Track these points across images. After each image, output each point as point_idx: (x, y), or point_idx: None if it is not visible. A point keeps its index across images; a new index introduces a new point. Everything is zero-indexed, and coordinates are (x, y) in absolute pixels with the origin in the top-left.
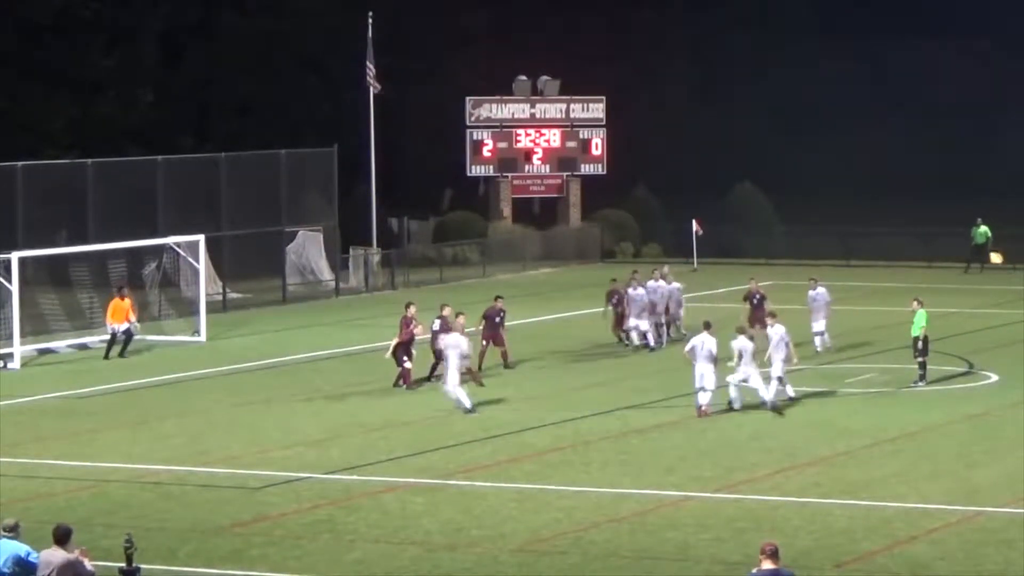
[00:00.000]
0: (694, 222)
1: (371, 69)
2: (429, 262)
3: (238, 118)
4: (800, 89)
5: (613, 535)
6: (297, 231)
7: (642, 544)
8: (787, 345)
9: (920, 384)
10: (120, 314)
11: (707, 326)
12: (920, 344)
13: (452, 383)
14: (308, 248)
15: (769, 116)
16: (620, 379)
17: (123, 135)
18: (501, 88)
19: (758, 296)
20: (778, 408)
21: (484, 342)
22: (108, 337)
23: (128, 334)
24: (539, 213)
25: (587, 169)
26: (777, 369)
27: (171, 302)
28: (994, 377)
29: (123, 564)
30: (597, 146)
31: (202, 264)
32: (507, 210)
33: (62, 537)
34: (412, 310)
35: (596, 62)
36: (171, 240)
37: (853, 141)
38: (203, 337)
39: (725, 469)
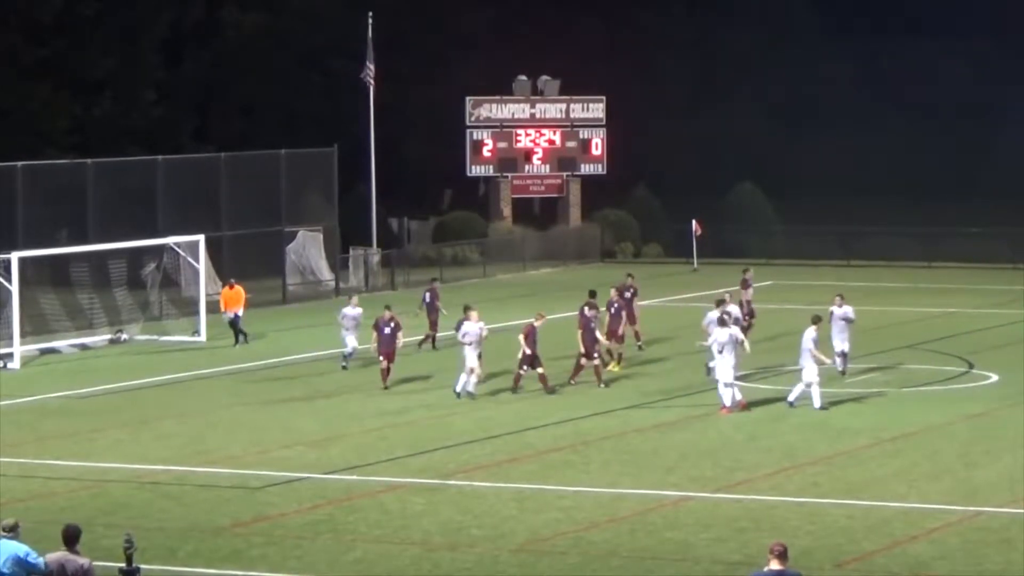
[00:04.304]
0: (694, 222)
1: (371, 69)
2: (429, 262)
3: (239, 118)
4: (800, 89)
5: (613, 535)
6: (297, 231)
7: (642, 544)
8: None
9: None
10: (233, 302)
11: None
12: None
13: None
14: (308, 248)
15: (769, 116)
16: (620, 379)
17: (124, 135)
18: (501, 88)
19: (632, 291)
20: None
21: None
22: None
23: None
24: (539, 213)
25: (587, 169)
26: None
27: (171, 302)
28: (994, 377)
29: (123, 564)
30: (597, 146)
31: (202, 264)
32: (507, 210)
33: (71, 538)
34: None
35: (596, 62)
36: (171, 240)
37: (853, 141)
38: (203, 337)
39: (725, 469)
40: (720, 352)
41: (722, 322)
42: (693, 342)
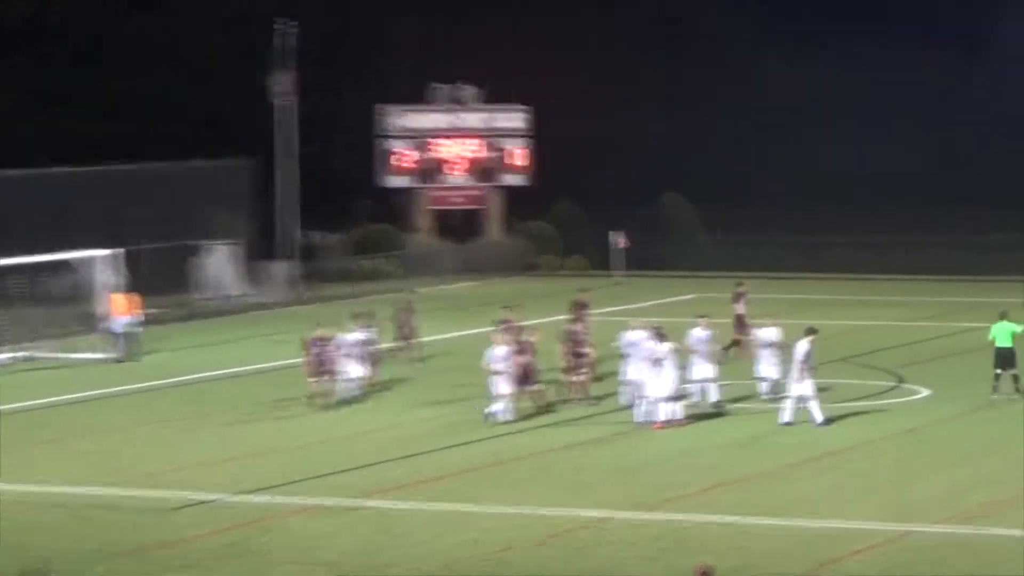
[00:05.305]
0: (613, 234)
1: (286, 80)
2: (346, 275)
3: (153, 130)
4: (726, 98)
5: (534, 556)
6: (209, 245)
7: (565, 565)
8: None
9: (994, 396)
10: (115, 309)
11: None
12: (1003, 355)
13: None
14: (220, 262)
15: (694, 126)
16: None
17: (38, 148)
18: (421, 98)
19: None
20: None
21: None
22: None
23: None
24: (459, 225)
25: (508, 180)
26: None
27: (80, 318)
28: (924, 392)
29: None
30: (519, 156)
31: (111, 279)
32: (426, 222)
33: None
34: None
35: (519, 72)
36: (80, 254)
37: (779, 150)
38: (114, 353)
39: (653, 487)
40: (657, 366)
41: (661, 337)
42: (618, 358)
